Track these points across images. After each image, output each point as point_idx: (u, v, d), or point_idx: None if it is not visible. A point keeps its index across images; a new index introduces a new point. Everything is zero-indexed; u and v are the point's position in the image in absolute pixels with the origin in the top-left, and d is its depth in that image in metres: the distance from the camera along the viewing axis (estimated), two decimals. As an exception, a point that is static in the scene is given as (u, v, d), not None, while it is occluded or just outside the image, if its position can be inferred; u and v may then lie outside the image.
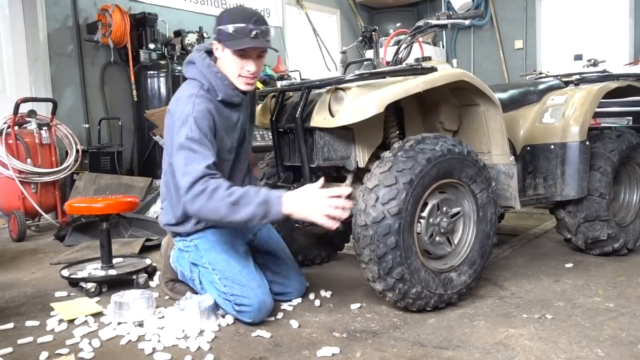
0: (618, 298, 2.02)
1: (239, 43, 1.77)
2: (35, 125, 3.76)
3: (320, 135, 2.03)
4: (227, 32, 1.77)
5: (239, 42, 1.77)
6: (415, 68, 2.09)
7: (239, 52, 1.79)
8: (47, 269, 2.74)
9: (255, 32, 1.77)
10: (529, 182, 2.58)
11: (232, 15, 1.81)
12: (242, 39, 1.77)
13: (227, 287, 1.83)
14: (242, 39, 1.77)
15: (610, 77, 2.77)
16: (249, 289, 1.82)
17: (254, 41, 1.78)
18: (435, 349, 1.60)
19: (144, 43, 4.63)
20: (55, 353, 1.63)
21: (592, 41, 6.32)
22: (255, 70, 1.84)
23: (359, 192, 1.87)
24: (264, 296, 1.83)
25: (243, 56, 1.81)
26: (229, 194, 1.64)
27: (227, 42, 1.79)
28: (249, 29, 1.76)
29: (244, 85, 1.86)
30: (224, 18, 1.80)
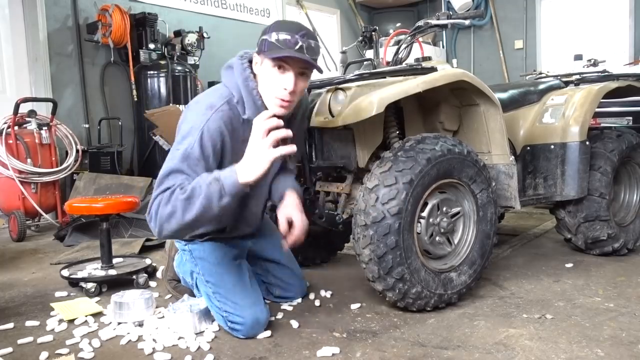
0: (618, 298, 2.02)
1: (280, 52, 1.58)
2: (35, 125, 3.76)
3: (320, 135, 2.03)
4: (270, 42, 1.60)
5: (280, 51, 1.58)
6: (415, 68, 2.09)
7: (278, 62, 1.60)
8: (47, 269, 2.74)
9: (301, 44, 1.58)
10: (529, 182, 2.58)
11: (279, 25, 1.64)
12: (282, 49, 1.58)
13: (220, 302, 1.76)
14: (283, 50, 1.58)
15: (610, 77, 2.78)
16: (242, 307, 1.72)
17: (297, 53, 1.58)
18: (435, 349, 1.60)
19: (144, 43, 4.64)
20: (55, 353, 1.63)
21: (592, 41, 6.32)
22: (293, 90, 1.61)
23: (359, 192, 1.87)
24: (257, 314, 1.73)
25: (282, 69, 1.61)
26: (183, 192, 1.49)
27: (267, 52, 1.60)
28: (294, 40, 1.58)
29: (277, 107, 1.64)
30: (270, 27, 1.64)
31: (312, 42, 1.62)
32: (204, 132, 1.58)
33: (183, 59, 4.85)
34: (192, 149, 1.56)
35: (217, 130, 1.60)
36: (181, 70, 4.72)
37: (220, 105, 1.64)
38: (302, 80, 1.65)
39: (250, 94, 1.65)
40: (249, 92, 1.65)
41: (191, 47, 4.87)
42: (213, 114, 1.61)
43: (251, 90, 1.65)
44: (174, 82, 4.64)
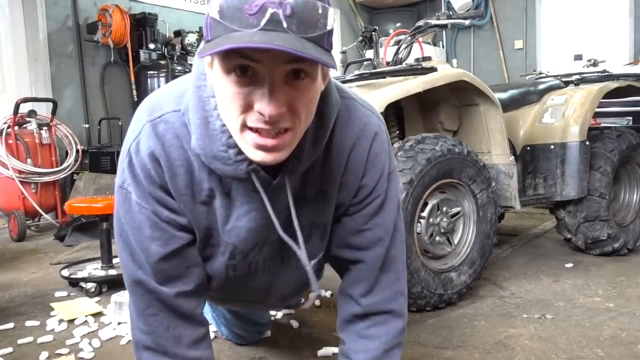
0: (618, 298, 2.02)
1: (225, 40, 0.72)
2: (35, 125, 3.76)
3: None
4: (212, 20, 0.74)
5: (227, 37, 0.72)
6: (415, 68, 2.09)
7: (230, 64, 0.76)
8: (47, 269, 2.74)
9: (272, 11, 0.70)
10: (529, 182, 2.58)
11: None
12: (235, 31, 0.72)
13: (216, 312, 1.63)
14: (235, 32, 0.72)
15: (610, 77, 2.78)
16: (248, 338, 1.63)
17: (262, 35, 0.70)
18: (435, 348, 1.60)
19: (144, 43, 4.64)
20: (56, 353, 1.63)
21: (592, 41, 6.31)
22: (274, 114, 0.76)
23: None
24: (258, 335, 1.66)
25: (246, 78, 0.77)
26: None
27: (209, 43, 0.76)
28: (254, 5, 0.70)
29: (252, 149, 0.82)
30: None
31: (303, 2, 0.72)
32: (131, 156, 0.94)
33: (183, 59, 4.85)
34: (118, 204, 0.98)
35: (149, 154, 0.92)
36: (181, 70, 4.72)
37: (166, 112, 0.93)
38: (300, 88, 0.78)
39: (200, 109, 0.88)
40: (201, 114, 0.88)
41: (191, 47, 4.87)
42: (147, 123, 0.93)
43: (205, 115, 0.87)
44: (174, 82, 4.64)
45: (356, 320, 1.12)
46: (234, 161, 0.86)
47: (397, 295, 1.11)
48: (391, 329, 1.09)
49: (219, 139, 0.86)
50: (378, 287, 1.09)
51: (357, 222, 1.07)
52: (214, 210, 0.97)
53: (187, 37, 4.83)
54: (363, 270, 1.09)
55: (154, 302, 0.99)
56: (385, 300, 1.09)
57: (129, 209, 0.95)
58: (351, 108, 1.01)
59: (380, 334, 1.09)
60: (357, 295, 1.10)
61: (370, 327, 1.09)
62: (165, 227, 0.96)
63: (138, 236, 0.96)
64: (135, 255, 0.98)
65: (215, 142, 0.86)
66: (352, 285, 1.11)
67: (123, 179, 0.96)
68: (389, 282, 1.09)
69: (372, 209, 1.05)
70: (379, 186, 1.04)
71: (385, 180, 1.05)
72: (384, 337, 1.08)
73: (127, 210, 0.96)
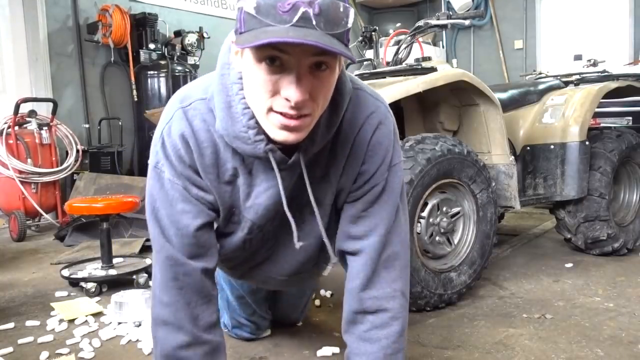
0: (618, 298, 2.02)
1: (261, 34, 0.80)
2: (35, 125, 3.76)
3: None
4: (247, 14, 0.83)
5: (263, 32, 0.81)
6: (415, 68, 2.09)
7: (262, 54, 0.85)
8: (47, 268, 2.75)
9: (303, 10, 0.80)
10: (529, 182, 2.59)
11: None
12: (269, 26, 0.81)
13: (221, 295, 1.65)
14: (270, 27, 0.81)
15: (610, 77, 2.78)
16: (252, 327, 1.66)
17: (294, 31, 0.80)
18: (435, 348, 1.60)
19: (144, 43, 4.64)
20: (56, 353, 1.63)
21: (592, 41, 6.31)
22: (299, 100, 0.86)
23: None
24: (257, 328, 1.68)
25: (275, 67, 0.86)
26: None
27: (244, 36, 0.84)
28: (287, 3, 0.80)
29: (276, 130, 0.91)
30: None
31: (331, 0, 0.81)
32: (164, 138, 1.04)
33: (183, 59, 4.85)
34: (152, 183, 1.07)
35: (180, 135, 1.02)
36: (181, 70, 4.72)
37: (195, 100, 1.03)
38: (320, 79, 0.88)
39: (224, 95, 0.97)
40: (225, 99, 0.97)
41: (191, 47, 4.87)
42: (178, 110, 1.03)
43: (228, 100, 0.97)
44: (174, 82, 4.64)
45: (356, 319, 1.13)
46: (253, 141, 0.96)
47: (396, 293, 1.11)
48: (391, 333, 1.10)
49: (240, 121, 0.96)
50: (377, 282, 1.11)
51: (356, 209, 1.11)
52: (237, 189, 1.07)
53: (187, 37, 4.83)
54: (362, 261, 1.11)
55: (181, 276, 1.05)
56: (384, 296, 1.10)
57: (162, 186, 1.04)
58: (361, 97, 1.08)
59: (380, 338, 1.10)
60: (357, 288, 1.12)
61: (370, 331, 1.11)
62: (195, 202, 1.05)
63: (170, 210, 1.04)
64: (165, 230, 1.05)
65: (237, 124, 0.96)
66: (353, 279, 1.13)
67: (157, 160, 1.05)
68: (388, 279, 1.11)
69: (371, 196, 1.10)
70: (379, 174, 1.08)
71: (386, 169, 1.09)
72: (384, 341, 1.10)
73: (160, 187, 1.05)
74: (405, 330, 1.14)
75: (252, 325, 1.67)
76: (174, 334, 1.05)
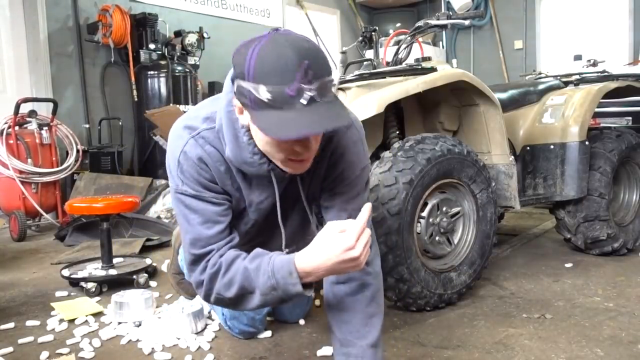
0: (617, 298, 2.02)
1: (279, 128, 0.97)
2: (35, 125, 3.76)
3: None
4: (256, 97, 0.99)
5: (279, 125, 0.97)
6: (415, 68, 2.09)
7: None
8: (47, 268, 2.75)
9: (309, 95, 0.97)
10: (529, 182, 2.59)
11: (263, 60, 0.97)
12: (283, 111, 0.97)
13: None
14: (285, 122, 0.97)
15: (609, 77, 2.78)
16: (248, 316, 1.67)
17: (305, 117, 0.97)
18: (435, 348, 1.60)
19: (144, 43, 4.64)
20: (56, 353, 1.64)
21: (592, 41, 6.32)
22: (310, 153, 1.10)
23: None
24: (260, 324, 1.71)
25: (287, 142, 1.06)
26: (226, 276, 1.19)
27: (261, 117, 1.00)
28: (296, 90, 0.96)
29: (286, 167, 1.13)
30: (249, 64, 0.98)
31: (320, 80, 0.99)
32: (180, 161, 1.21)
33: (183, 59, 4.85)
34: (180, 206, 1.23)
35: (198, 158, 1.20)
36: (181, 70, 4.73)
37: (202, 130, 1.21)
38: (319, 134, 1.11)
39: (231, 128, 1.15)
40: (232, 132, 1.15)
41: (191, 47, 4.87)
42: (190, 139, 1.21)
43: (235, 132, 1.15)
44: (174, 82, 4.65)
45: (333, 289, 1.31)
46: (258, 164, 1.17)
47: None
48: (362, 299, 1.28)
49: (246, 149, 1.15)
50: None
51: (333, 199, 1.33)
52: (243, 197, 1.29)
53: (187, 37, 4.84)
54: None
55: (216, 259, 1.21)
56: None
57: (189, 203, 1.21)
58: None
59: (353, 304, 1.28)
60: None
61: (344, 298, 1.29)
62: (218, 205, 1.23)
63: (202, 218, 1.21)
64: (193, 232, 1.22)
65: (243, 152, 1.16)
66: None
67: (177, 184, 1.22)
68: None
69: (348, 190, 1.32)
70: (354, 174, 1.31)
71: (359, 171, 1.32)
72: (358, 306, 1.27)
73: (188, 204, 1.21)
74: (377, 297, 1.30)
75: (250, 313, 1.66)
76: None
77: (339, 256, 1.06)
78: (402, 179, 1.79)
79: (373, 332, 1.28)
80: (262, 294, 1.14)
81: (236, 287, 1.17)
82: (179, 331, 1.72)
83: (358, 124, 1.36)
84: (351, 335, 1.27)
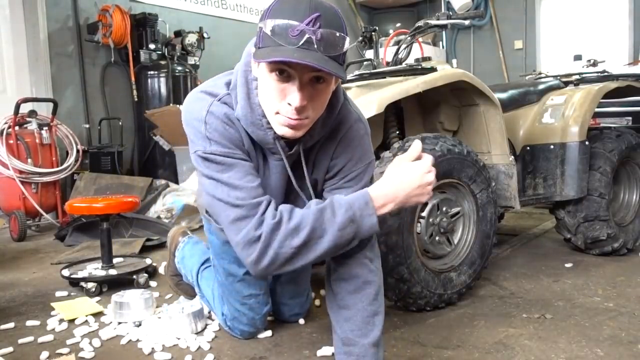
0: (617, 298, 2.02)
1: (274, 51, 1.05)
2: (35, 125, 3.76)
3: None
4: (264, 34, 1.08)
5: (275, 50, 1.05)
6: (415, 68, 2.09)
7: (273, 67, 1.09)
8: (47, 268, 2.75)
9: (308, 36, 1.04)
10: (529, 182, 2.59)
11: (280, 3, 1.08)
12: (281, 46, 1.05)
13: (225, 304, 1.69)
14: (281, 47, 1.05)
15: (609, 77, 2.78)
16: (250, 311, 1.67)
17: (299, 52, 1.04)
18: (435, 348, 1.60)
19: (144, 43, 4.64)
20: (56, 353, 1.64)
21: (592, 41, 6.32)
22: (300, 105, 1.10)
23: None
24: (259, 323, 1.70)
25: (284, 75, 1.10)
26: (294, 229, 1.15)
27: (260, 52, 1.09)
28: (299, 30, 1.04)
29: (280, 126, 1.16)
30: (269, 8, 1.10)
31: (330, 30, 1.06)
32: (207, 121, 1.20)
33: (183, 59, 4.85)
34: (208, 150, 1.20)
35: (226, 116, 1.21)
36: (181, 70, 4.73)
37: (224, 94, 1.25)
38: (318, 90, 1.13)
39: (246, 87, 1.21)
40: (246, 91, 1.21)
41: (191, 47, 4.88)
42: (215, 100, 1.23)
43: (248, 92, 1.21)
44: (174, 82, 4.65)
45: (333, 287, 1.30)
46: (265, 128, 1.20)
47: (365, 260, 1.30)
48: (364, 297, 1.27)
49: (256, 110, 1.19)
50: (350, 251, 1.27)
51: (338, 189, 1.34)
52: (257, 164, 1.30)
53: (187, 37, 4.84)
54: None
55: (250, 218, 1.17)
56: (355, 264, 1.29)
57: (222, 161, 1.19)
58: (351, 106, 1.35)
59: (355, 302, 1.27)
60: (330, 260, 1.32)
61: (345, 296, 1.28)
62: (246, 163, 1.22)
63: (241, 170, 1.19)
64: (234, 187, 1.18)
65: (254, 112, 1.20)
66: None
67: (204, 146, 1.20)
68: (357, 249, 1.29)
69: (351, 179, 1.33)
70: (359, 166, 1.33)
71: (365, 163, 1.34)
72: (359, 305, 1.27)
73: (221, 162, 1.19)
74: (379, 295, 1.29)
75: (250, 313, 1.66)
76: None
77: (418, 179, 1.16)
78: (402, 179, 1.78)
79: (375, 331, 1.27)
80: (339, 229, 1.15)
81: (306, 231, 1.14)
82: (179, 331, 1.72)
83: (364, 120, 1.37)
84: (353, 333, 1.27)
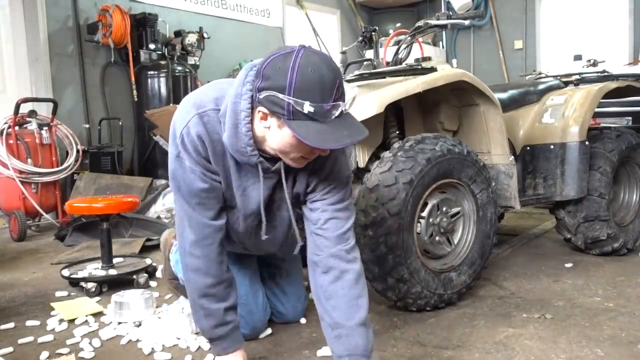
0: (617, 298, 2.02)
1: (319, 137, 1.15)
2: (35, 125, 3.76)
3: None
4: (296, 110, 1.14)
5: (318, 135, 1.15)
6: (415, 68, 2.09)
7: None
8: (47, 268, 2.75)
9: (341, 110, 1.17)
10: (529, 182, 2.59)
11: (306, 78, 1.13)
12: (320, 123, 1.15)
13: None
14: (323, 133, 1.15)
15: (609, 77, 2.78)
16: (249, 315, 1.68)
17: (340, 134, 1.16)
18: (435, 348, 1.60)
19: (144, 43, 4.64)
20: (56, 353, 1.64)
21: (592, 41, 6.32)
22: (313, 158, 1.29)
23: (359, 192, 1.87)
24: (259, 324, 1.71)
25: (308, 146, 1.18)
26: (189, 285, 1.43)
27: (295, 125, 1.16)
28: (332, 105, 1.16)
29: (288, 161, 1.29)
30: (291, 80, 1.13)
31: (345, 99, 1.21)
32: (183, 137, 1.31)
33: (183, 59, 4.85)
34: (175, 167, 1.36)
35: (198, 136, 1.30)
36: (181, 70, 4.73)
37: (209, 109, 1.31)
38: None
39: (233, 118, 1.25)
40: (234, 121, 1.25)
41: (191, 47, 4.88)
42: (195, 115, 1.30)
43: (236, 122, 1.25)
44: (174, 82, 4.65)
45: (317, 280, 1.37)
46: (249, 155, 1.29)
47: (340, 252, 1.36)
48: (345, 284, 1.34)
49: (242, 140, 1.26)
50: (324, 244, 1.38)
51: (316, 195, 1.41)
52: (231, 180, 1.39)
53: (187, 37, 4.84)
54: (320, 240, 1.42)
55: (210, 234, 1.39)
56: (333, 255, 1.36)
57: (184, 171, 1.34)
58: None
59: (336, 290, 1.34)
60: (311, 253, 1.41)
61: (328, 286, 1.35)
62: (209, 181, 1.36)
63: (190, 187, 1.35)
64: (190, 201, 1.37)
65: (239, 141, 1.27)
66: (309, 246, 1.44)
67: (178, 151, 1.34)
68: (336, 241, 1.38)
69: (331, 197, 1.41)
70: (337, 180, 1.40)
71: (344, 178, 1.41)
72: (340, 292, 1.34)
73: (183, 172, 1.34)
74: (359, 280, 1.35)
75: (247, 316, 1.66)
76: (203, 278, 1.39)
77: None
78: (402, 179, 1.78)
79: (361, 312, 1.33)
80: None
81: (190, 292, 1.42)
82: (179, 331, 1.72)
83: None
84: (339, 318, 1.32)
